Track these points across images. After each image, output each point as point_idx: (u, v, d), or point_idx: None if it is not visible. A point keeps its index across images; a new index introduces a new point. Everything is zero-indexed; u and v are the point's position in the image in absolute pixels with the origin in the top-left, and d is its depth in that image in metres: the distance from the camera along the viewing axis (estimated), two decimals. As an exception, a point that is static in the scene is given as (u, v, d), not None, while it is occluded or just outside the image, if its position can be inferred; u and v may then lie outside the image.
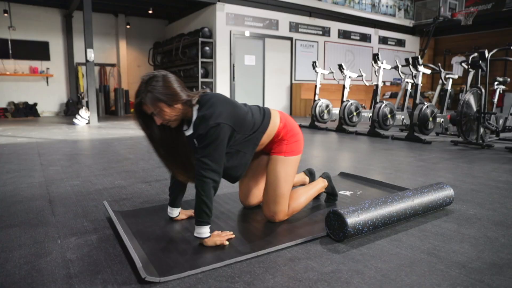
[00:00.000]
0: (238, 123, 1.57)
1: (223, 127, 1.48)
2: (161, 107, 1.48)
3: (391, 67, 5.36)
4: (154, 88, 1.46)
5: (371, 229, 1.61)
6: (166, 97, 1.47)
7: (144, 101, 1.48)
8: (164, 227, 1.73)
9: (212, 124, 1.46)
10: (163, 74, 1.51)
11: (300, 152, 1.80)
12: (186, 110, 1.54)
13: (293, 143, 1.76)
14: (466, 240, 1.59)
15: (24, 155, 3.63)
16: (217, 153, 1.48)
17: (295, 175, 1.78)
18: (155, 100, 1.46)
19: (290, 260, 1.40)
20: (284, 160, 1.73)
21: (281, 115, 1.78)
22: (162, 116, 1.50)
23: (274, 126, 1.72)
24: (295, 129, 1.79)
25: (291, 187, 1.76)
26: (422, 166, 3.21)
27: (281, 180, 1.71)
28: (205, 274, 1.30)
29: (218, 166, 1.48)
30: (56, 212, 1.97)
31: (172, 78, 1.52)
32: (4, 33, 8.38)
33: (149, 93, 1.46)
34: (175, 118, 1.53)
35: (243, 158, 1.66)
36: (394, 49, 11.50)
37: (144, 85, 1.48)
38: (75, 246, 1.54)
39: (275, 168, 1.72)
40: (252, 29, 8.72)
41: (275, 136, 1.74)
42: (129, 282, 1.25)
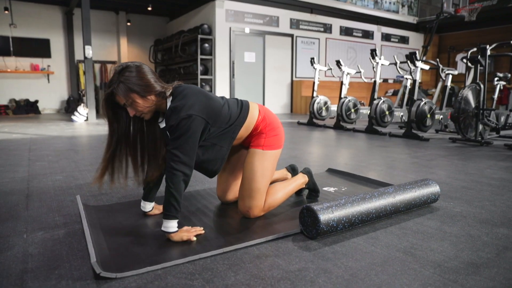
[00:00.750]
0: (212, 115, 1.51)
1: (195, 119, 1.43)
2: (134, 98, 1.43)
3: (389, 63, 5.26)
4: (127, 78, 1.42)
5: (346, 226, 1.54)
6: (139, 88, 1.43)
7: (116, 92, 1.43)
8: (134, 222, 1.68)
9: (183, 115, 1.41)
10: (137, 65, 1.47)
11: (280, 146, 1.74)
12: (159, 102, 1.50)
13: (272, 137, 1.70)
14: (447, 239, 1.52)
15: (15, 151, 3.61)
16: (188, 145, 1.43)
17: (273, 170, 1.72)
18: (127, 90, 1.42)
19: (257, 258, 1.34)
20: (262, 153, 1.67)
21: (260, 108, 1.73)
22: (135, 107, 1.46)
23: (252, 119, 1.67)
24: (275, 123, 1.73)
25: (268, 182, 1.70)
26: (415, 163, 3.13)
27: (258, 174, 1.65)
28: (165, 271, 1.24)
29: (189, 159, 1.43)
30: (30, 206, 1.93)
31: (146, 69, 1.48)
32: (5, 31, 8.41)
33: (121, 84, 1.42)
34: (148, 110, 1.49)
35: (219, 152, 1.60)
36: (398, 46, 11.35)
37: (117, 75, 1.43)
38: (40, 240, 1.50)
39: (252, 162, 1.66)
40: (252, 26, 8.65)
41: (253, 129, 1.69)
42: (84, 277, 1.20)
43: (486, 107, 4.10)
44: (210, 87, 8.42)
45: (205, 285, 1.15)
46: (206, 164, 1.60)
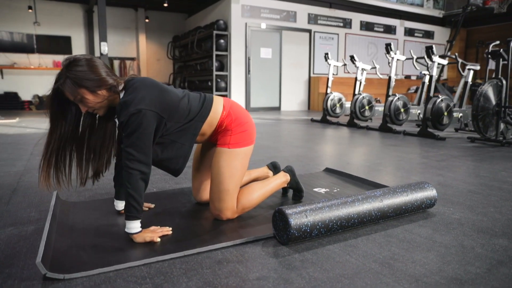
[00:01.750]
0: (167, 109, 1.41)
1: (145, 113, 1.33)
2: (83, 94, 1.34)
3: (405, 58, 5.01)
4: (74, 73, 1.32)
5: (323, 232, 1.42)
6: (89, 82, 1.33)
7: (62, 88, 1.34)
8: (105, 220, 1.62)
9: (133, 110, 1.32)
10: (87, 58, 1.37)
11: (250, 143, 1.62)
12: (112, 96, 1.41)
13: (240, 133, 1.58)
14: (435, 249, 1.37)
15: (21, 145, 3.68)
16: (142, 142, 1.34)
17: (243, 169, 1.60)
18: (75, 86, 1.32)
19: (218, 263, 1.25)
20: (228, 152, 1.56)
21: (226, 103, 1.61)
22: (85, 103, 1.37)
23: (216, 114, 1.56)
24: (242, 118, 1.61)
25: (238, 182, 1.59)
26: (424, 163, 2.93)
27: (225, 175, 1.55)
28: (117, 273, 1.18)
29: (144, 156, 1.35)
30: (12, 201, 1.92)
31: (98, 62, 1.38)
32: (29, 29, 8.68)
33: (68, 79, 1.32)
34: (100, 105, 1.40)
35: (181, 150, 1.51)
36: (422, 41, 10.90)
37: (64, 70, 1.33)
38: (6, 237, 1.47)
39: (219, 162, 1.56)
40: (268, 21, 8.52)
41: (218, 126, 1.58)
42: (32, 278, 1.15)
43: (508, 105, 3.82)
44: (225, 83, 8.38)
45: (152, 292, 1.07)
46: (166, 163, 1.51)
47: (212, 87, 8.30)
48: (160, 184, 2.27)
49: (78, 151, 1.50)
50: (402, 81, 10.17)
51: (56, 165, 1.44)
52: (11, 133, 4.57)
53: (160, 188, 2.17)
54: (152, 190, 2.12)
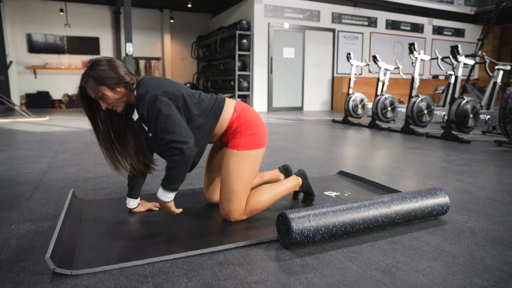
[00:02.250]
0: (179, 96, 1.48)
1: (162, 99, 1.41)
2: (103, 91, 1.46)
3: (430, 58, 4.86)
4: (96, 72, 1.45)
5: (326, 237, 1.42)
6: (108, 80, 1.45)
7: (86, 86, 1.47)
8: (117, 218, 1.68)
9: (148, 99, 1.41)
10: (108, 59, 1.50)
11: (260, 146, 1.64)
12: (129, 93, 1.51)
13: (249, 136, 1.60)
14: (442, 259, 1.33)
15: (48, 143, 3.85)
16: (169, 124, 1.41)
17: (253, 171, 1.62)
18: (96, 83, 1.44)
19: (219, 265, 1.27)
20: (237, 154, 1.59)
21: (237, 105, 1.64)
22: (106, 100, 1.48)
23: (226, 115, 1.60)
24: (253, 120, 1.63)
25: (247, 184, 1.60)
26: (443, 167, 2.84)
27: (233, 176, 1.57)
28: (121, 271, 1.22)
29: (176, 136, 1.40)
30: (33, 197, 2.02)
31: (117, 63, 1.50)
32: (61, 30, 9.04)
33: (90, 78, 1.45)
34: (119, 101, 1.50)
35: (197, 146, 1.56)
36: (451, 39, 10.53)
37: (88, 70, 1.47)
38: (24, 231, 1.55)
39: (227, 163, 1.59)
40: (291, 21, 8.48)
41: (228, 127, 1.61)
42: (43, 272, 1.21)
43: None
44: (248, 83, 8.41)
45: (152, 291, 1.11)
46: None
47: (234, 87, 8.37)
48: (173, 184, 2.31)
49: (122, 146, 1.63)
50: (429, 81, 9.87)
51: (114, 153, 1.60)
52: (40, 131, 4.79)
53: (173, 188, 2.22)
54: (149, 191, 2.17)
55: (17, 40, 8.69)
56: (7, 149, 3.44)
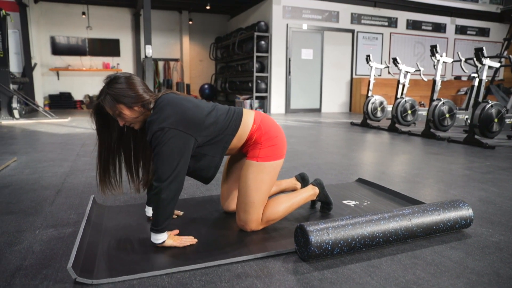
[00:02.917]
0: (192, 126, 1.45)
1: (168, 131, 1.38)
2: (121, 110, 1.44)
3: (452, 60, 4.73)
4: (114, 90, 1.42)
5: (345, 250, 1.40)
6: (126, 99, 1.43)
7: (103, 103, 1.45)
8: (136, 225, 1.70)
9: (155, 128, 1.39)
10: (126, 76, 1.46)
11: (279, 157, 1.63)
12: (146, 112, 1.49)
13: (269, 147, 1.59)
14: (465, 276, 1.29)
15: (70, 145, 3.95)
16: (161, 159, 1.38)
17: (271, 183, 1.61)
18: (114, 102, 1.42)
19: (237, 277, 1.27)
20: (257, 166, 1.58)
21: (256, 116, 1.63)
22: (123, 118, 1.46)
23: (246, 127, 1.59)
24: (273, 132, 1.62)
25: (264, 196, 1.60)
26: (466, 175, 2.76)
27: (251, 187, 1.57)
28: (141, 281, 1.24)
29: (162, 174, 1.38)
30: (56, 202, 2.07)
31: (136, 80, 1.47)
32: (82, 33, 9.26)
33: (108, 96, 1.43)
34: (136, 120, 1.48)
35: (212, 161, 1.56)
36: (475, 39, 10.23)
37: (106, 87, 1.44)
38: (47, 238, 1.59)
39: (246, 174, 1.59)
40: (310, 22, 8.42)
41: (248, 139, 1.60)
42: (64, 280, 1.24)
43: None
44: (265, 85, 8.41)
45: (170, 303, 1.12)
46: (199, 172, 1.57)
47: (252, 88, 8.37)
48: (191, 190, 2.33)
49: (126, 161, 1.62)
50: (451, 82, 9.63)
51: (107, 174, 1.58)
52: (62, 133, 4.92)
53: (190, 195, 2.24)
54: (183, 196, 2.19)
55: (41, 42, 8.95)
56: (32, 151, 3.55)
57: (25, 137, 4.53)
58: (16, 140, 4.24)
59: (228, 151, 1.62)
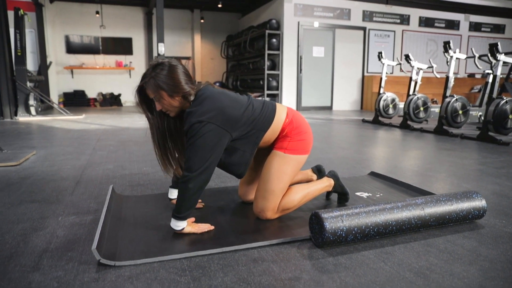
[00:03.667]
0: (229, 122, 1.49)
1: (206, 125, 1.42)
2: (162, 95, 1.47)
3: (466, 57, 4.69)
4: (157, 75, 1.46)
5: (359, 237, 1.43)
6: (168, 86, 1.46)
7: (146, 86, 1.49)
8: (155, 213, 1.76)
9: (194, 120, 1.43)
10: (171, 64, 1.49)
11: (305, 152, 1.68)
12: (185, 103, 1.53)
13: (297, 141, 1.64)
14: (478, 263, 1.31)
15: (86, 140, 4.04)
16: (195, 151, 1.43)
17: (292, 175, 1.66)
18: (156, 87, 1.46)
19: (253, 261, 1.31)
20: (282, 156, 1.63)
21: (289, 111, 1.68)
22: (162, 103, 1.50)
23: (279, 121, 1.63)
24: (303, 127, 1.67)
25: (284, 186, 1.64)
26: (479, 170, 2.76)
27: (273, 176, 1.61)
28: (161, 264, 1.29)
29: (194, 163, 1.43)
30: (75, 192, 2.14)
31: (179, 69, 1.49)
32: (96, 32, 9.41)
33: (152, 79, 1.46)
34: (173, 109, 1.52)
35: (243, 157, 1.60)
36: (489, 36, 10.08)
37: (151, 70, 1.48)
38: (69, 224, 1.66)
39: (271, 162, 1.63)
40: (321, 20, 8.42)
41: (280, 132, 1.65)
42: (89, 262, 1.30)
43: None
44: (277, 82, 8.43)
45: (190, 283, 1.16)
46: (230, 167, 1.62)
47: (263, 86, 8.41)
48: (206, 181, 2.38)
49: (174, 144, 1.65)
50: (465, 79, 9.51)
51: (166, 154, 1.62)
52: (77, 129, 5.03)
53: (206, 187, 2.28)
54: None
55: (56, 41, 9.13)
56: (49, 146, 3.64)
57: (42, 132, 4.64)
58: (33, 135, 4.35)
59: (261, 145, 1.66)
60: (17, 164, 2.80)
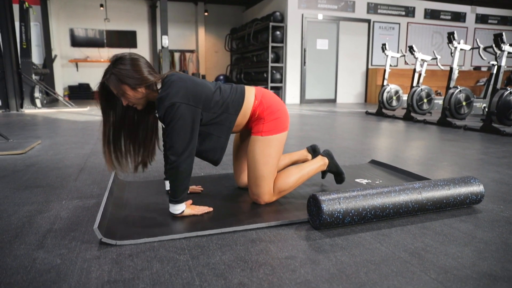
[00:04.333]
0: (200, 100, 1.50)
1: (180, 106, 1.43)
2: (124, 90, 1.46)
3: (470, 48, 4.66)
4: (119, 70, 1.44)
5: (356, 219, 1.45)
6: (130, 80, 1.45)
7: (107, 83, 1.48)
8: (155, 198, 1.79)
9: (167, 104, 1.43)
10: (132, 57, 1.48)
11: (283, 130, 1.67)
12: (151, 94, 1.53)
13: (272, 121, 1.64)
14: (473, 244, 1.33)
15: (90, 131, 4.09)
16: (176, 133, 1.44)
17: (278, 155, 1.66)
18: (118, 82, 1.45)
19: (251, 241, 1.34)
20: (262, 140, 1.63)
21: (257, 92, 1.67)
22: (126, 98, 1.50)
23: (248, 104, 1.63)
24: (275, 105, 1.66)
25: (273, 168, 1.65)
26: (481, 159, 2.76)
27: (259, 162, 1.62)
28: (161, 243, 1.32)
29: (178, 146, 1.44)
30: (79, 178, 2.18)
31: (141, 62, 1.49)
32: (100, 25, 9.44)
33: (113, 75, 1.45)
34: (139, 101, 1.52)
35: (218, 142, 1.60)
36: (496, 28, 9.97)
37: (111, 66, 1.47)
38: (73, 207, 1.69)
39: (253, 149, 1.64)
40: (325, 12, 8.37)
41: (251, 115, 1.65)
42: (91, 241, 1.33)
43: None
44: (280, 75, 8.42)
45: (189, 261, 1.19)
46: (205, 154, 1.61)
47: (267, 79, 8.40)
48: (207, 169, 2.41)
49: (129, 140, 1.65)
50: (471, 72, 9.43)
51: (114, 151, 1.61)
52: (82, 120, 5.08)
53: (207, 173, 2.32)
54: (200, 174, 2.28)
55: (61, 35, 9.17)
56: (54, 136, 3.69)
57: (47, 124, 4.70)
58: (39, 127, 4.41)
59: (234, 129, 1.67)
60: (23, 153, 2.85)
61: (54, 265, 1.15)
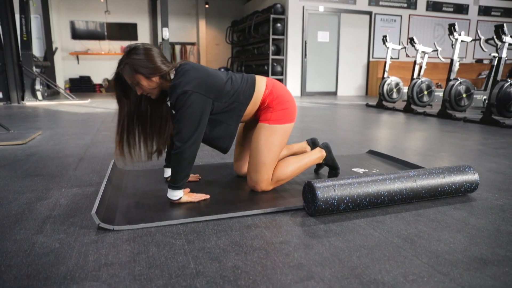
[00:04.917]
0: (212, 90, 1.53)
1: (191, 95, 1.46)
2: (139, 80, 1.49)
3: (471, 39, 4.63)
4: (133, 60, 1.47)
5: (351, 206, 1.46)
6: (144, 70, 1.47)
7: (122, 72, 1.51)
8: (153, 186, 1.81)
9: (179, 91, 1.45)
10: (145, 47, 1.50)
11: (290, 121, 1.70)
12: (164, 83, 1.55)
13: (280, 110, 1.66)
14: (466, 231, 1.35)
15: (90, 122, 4.10)
16: (185, 120, 1.46)
17: (281, 145, 1.69)
18: (133, 72, 1.48)
19: (246, 227, 1.36)
20: (268, 128, 1.66)
21: (268, 82, 1.70)
22: (141, 87, 1.52)
23: (259, 93, 1.66)
24: (284, 96, 1.69)
25: (275, 157, 1.68)
26: (479, 150, 2.76)
27: (263, 148, 1.64)
28: (158, 229, 1.34)
29: (186, 133, 1.47)
30: (79, 167, 2.21)
31: (155, 51, 1.51)
32: (101, 17, 9.41)
33: (127, 65, 1.47)
34: (153, 90, 1.54)
35: (227, 130, 1.63)
36: (499, 20, 9.88)
37: (125, 57, 1.49)
38: (72, 194, 1.72)
39: (258, 136, 1.66)
40: (326, 4, 8.32)
41: (261, 104, 1.67)
42: (89, 227, 1.35)
43: None
44: (281, 68, 8.40)
45: (184, 245, 1.21)
46: (215, 142, 1.64)
47: (268, 71, 8.38)
48: (206, 159, 2.43)
49: (143, 129, 1.67)
50: (472, 65, 9.38)
51: (127, 141, 1.63)
52: (83, 112, 5.10)
53: (205, 162, 2.33)
54: (198, 163, 2.30)
55: (61, 27, 9.16)
56: (55, 127, 3.71)
57: (48, 115, 4.72)
58: (40, 118, 4.43)
59: (243, 118, 1.69)
60: (23, 143, 2.87)
61: (52, 249, 1.18)
